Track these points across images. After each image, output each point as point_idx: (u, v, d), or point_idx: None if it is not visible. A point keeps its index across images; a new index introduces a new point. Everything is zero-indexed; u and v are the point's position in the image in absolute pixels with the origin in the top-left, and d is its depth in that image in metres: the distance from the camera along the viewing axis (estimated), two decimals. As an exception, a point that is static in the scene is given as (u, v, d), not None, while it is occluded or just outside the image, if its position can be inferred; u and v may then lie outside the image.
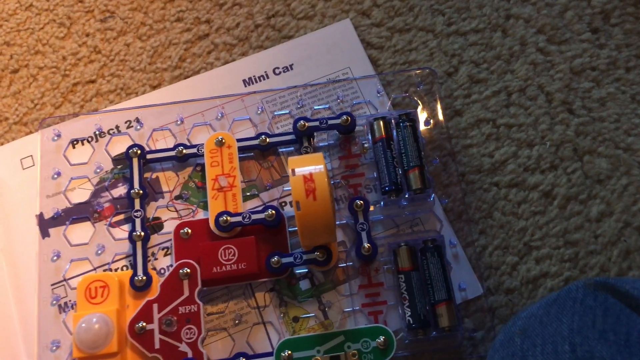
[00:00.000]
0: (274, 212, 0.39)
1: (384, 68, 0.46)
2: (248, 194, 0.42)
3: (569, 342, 0.28)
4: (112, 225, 0.42)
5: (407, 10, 0.47)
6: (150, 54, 0.47)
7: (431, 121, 0.43)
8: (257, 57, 0.46)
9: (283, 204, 0.42)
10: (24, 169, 0.43)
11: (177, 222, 0.41)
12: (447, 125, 0.44)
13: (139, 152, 0.42)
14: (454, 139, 0.44)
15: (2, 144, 0.45)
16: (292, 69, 0.46)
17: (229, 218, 0.40)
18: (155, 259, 0.41)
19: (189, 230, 0.40)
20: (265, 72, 0.46)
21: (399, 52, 0.46)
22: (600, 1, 0.46)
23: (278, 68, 0.46)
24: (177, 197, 0.42)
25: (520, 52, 0.45)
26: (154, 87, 0.46)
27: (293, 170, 0.35)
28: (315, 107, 0.44)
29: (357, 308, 0.40)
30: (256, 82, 0.46)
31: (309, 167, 0.35)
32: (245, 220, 0.40)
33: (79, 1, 0.49)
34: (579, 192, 0.42)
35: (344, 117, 0.42)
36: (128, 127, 0.44)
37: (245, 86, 0.46)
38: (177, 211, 0.42)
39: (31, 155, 0.44)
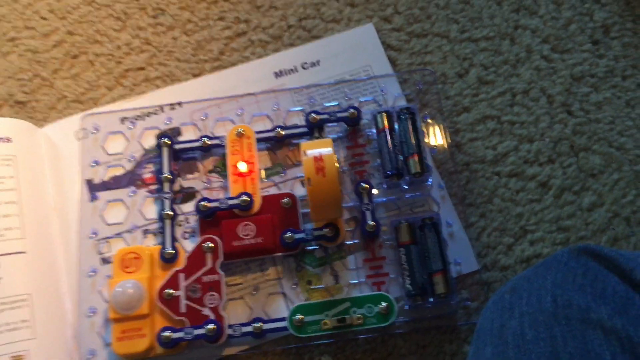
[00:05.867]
0: (249, 197, 0.44)
1: (402, 68, 0.51)
2: (265, 180, 0.47)
3: (550, 294, 0.31)
4: (151, 192, 0.47)
5: (425, 18, 0.53)
6: (194, 47, 0.53)
7: (428, 119, 0.48)
8: (288, 53, 0.52)
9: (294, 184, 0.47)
10: (78, 139, 0.49)
11: (209, 192, 0.47)
12: (454, 120, 0.48)
13: (168, 142, 0.47)
14: (461, 132, 0.48)
15: (61, 118, 0.51)
16: (318, 64, 0.51)
17: (207, 204, 0.44)
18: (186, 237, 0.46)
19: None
20: (295, 66, 0.51)
21: (416, 54, 0.51)
22: (602, 16, 0.51)
23: (306, 63, 0.51)
24: (211, 172, 0.48)
25: (525, 59, 0.50)
26: (196, 76, 0.52)
27: (305, 152, 0.40)
28: (326, 104, 0.49)
29: (363, 280, 0.44)
30: (286, 74, 0.51)
31: (319, 149, 0.40)
32: (222, 205, 0.44)
33: (134, -1, 0.56)
34: (573, 184, 0.46)
35: (351, 110, 0.47)
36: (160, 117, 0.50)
37: (276, 78, 0.51)
38: (209, 183, 0.47)
39: (84, 129, 0.50)
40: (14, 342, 0.41)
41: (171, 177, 0.46)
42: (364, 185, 0.45)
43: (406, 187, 0.46)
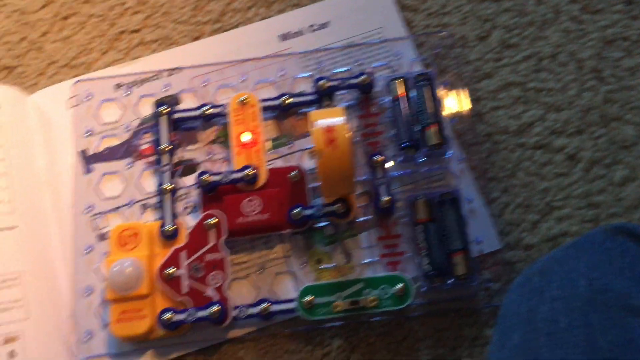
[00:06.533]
0: (254, 170, 0.41)
1: (417, 30, 0.47)
2: (271, 151, 0.44)
3: (585, 277, 0.29)
4: (149, 164, 0.44)
5: (444, -25, 0.49)
6: (192, 7, 0.49)
7: (447, 85, 0.45)
8: (294, 13, 0.48)
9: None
10: (68, 108, 0.46)
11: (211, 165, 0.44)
12: (475, 87, 0.45)
13: (166, 110, 0.44)
14: (483, 100, 0.45)
15: (51, 84, 0.47)
16: (327, 26, 0.48)
17: (209, 177, 0.41)
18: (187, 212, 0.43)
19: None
20: (302, 28, 0.48)
21: (433, 15, 0.48)
22: (637, -27, 0.47)
23: (314, 25, 0.48)
24: (213, 142, 0.45)
25: (553, 20, 0.47)
26: (195, 39, 0.49)
27: (314, 122, 0.36)
28: (335, 70, 0.46)
29: (376, 259, 0.41)
30: (292, 37, 0.47)
31: (329, 118, 0.37)
32: (225, 179, 0.41)
33: (128, -45, 0.52)
34: (603, 157, 0.43)
35: (363, 76, 0.43)
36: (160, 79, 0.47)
37: (282, 41, 0.47)
38: (211, 155, 0.44)
39: (76, 96, 0.46)
40: (6, 323, 0.40)
41: (170, 147, 0.43)
42: (377, 157, 0.42)
43: (423, 159, 0.43)
